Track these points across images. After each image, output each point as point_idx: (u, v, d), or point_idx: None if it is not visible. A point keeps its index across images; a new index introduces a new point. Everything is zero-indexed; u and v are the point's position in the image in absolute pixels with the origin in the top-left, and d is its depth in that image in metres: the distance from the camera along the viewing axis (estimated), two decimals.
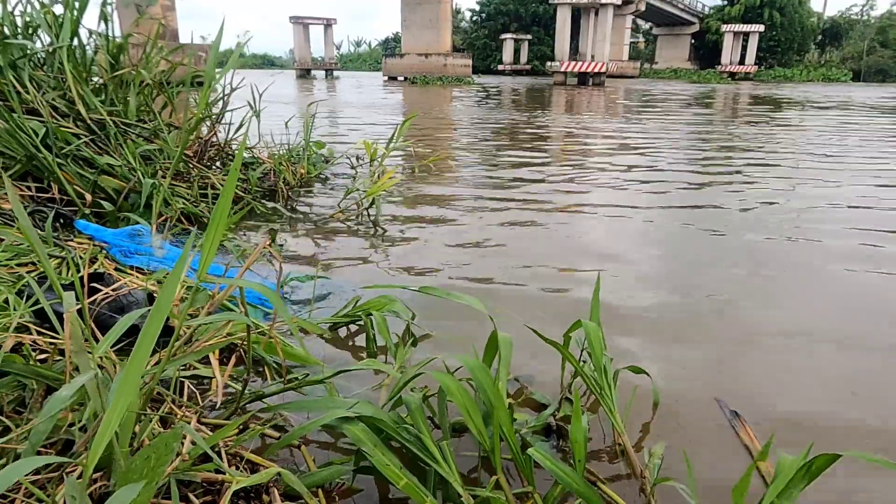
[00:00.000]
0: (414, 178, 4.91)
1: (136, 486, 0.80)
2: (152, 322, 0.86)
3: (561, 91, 24.66)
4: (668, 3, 47.44)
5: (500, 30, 53.21)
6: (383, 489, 1.27)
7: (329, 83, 30.65)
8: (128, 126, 3.28)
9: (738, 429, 1.49)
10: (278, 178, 3.98)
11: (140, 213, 2.75)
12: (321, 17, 46.49)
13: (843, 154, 6.78)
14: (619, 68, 42.76)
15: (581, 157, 6.44)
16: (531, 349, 1.78)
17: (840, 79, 44.24)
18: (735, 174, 5.40)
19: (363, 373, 1.75)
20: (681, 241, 3.31)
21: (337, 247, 3.05)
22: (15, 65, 2.95)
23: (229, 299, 1.89)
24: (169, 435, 0.89)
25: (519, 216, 3.75)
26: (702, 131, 9.17)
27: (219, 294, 1.44)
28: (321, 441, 1.43)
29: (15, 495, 0.98)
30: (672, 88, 26.60)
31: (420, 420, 1.22)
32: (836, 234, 3.40)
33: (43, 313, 1.62)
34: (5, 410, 1.22)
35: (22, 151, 2.67)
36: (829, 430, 1.54)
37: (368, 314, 1.96)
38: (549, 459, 1.14)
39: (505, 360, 1.42)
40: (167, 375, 1.39)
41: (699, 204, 4.18)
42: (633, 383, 1.62)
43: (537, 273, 2.70)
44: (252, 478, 1.09)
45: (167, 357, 1.16)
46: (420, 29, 37.46)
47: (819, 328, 2.17)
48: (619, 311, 2.26)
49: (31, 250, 2.05)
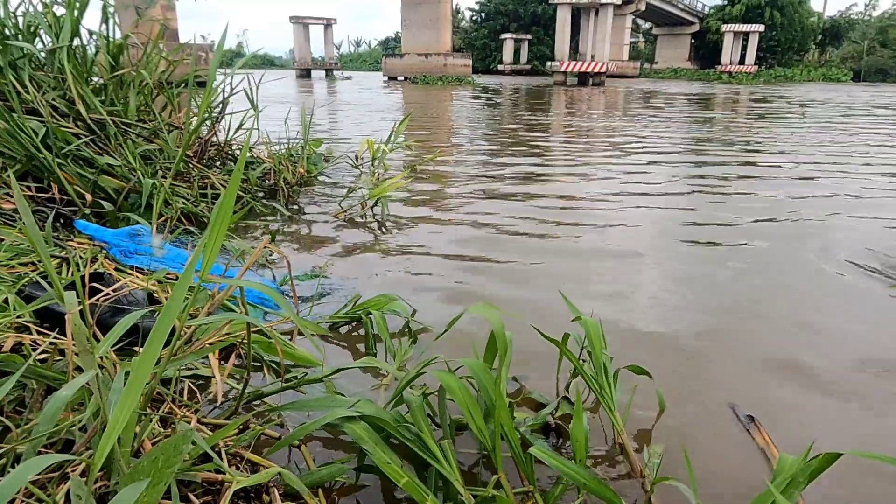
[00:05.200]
0: (414, 177, 4.91)
1: (141, 484, 0.80)
2: (161, 325, 0.86)
3: (561, 91, 24.65)
4: (668, 3, 47.44)
5: (499, 30, 53.20)
6: (384, 488, 1.27)
7: (329, 83, 30.65)
8: (128, 126, 3.28)
9: (753, 433, 1.47)
10: (278, 178, 3.98)
11: (140, 213, 2.75)
12: (321, 17, 46.48)
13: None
14: (619, 68, 42.75)
15: (582, 157, 6.44)
16: (531, 348, 1.79)
17: (840, 78, 44.21)
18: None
19: (362, 371, 1.75)
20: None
21: (338, 245, 3.05)
22: (15, 65, 2.95)
23: (229, 299, 1.89)
24: (178, 437, 0.89)
25: (520, 215, 3.75)
26: (712, 132, 9.16)
27: (219, 294, 1.44)
28: (321, 439, 1.43)
29: (15, 495, 0.98)
30: (672, 89, 26.60)
31: (421, 419, 1.22)
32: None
33: (42, 313, 1.62)
34: (5, 410, 1.22)
35: (22, 151, 2.67)
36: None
37: (368, 313, 1.96)
38: (554, 457, 1.14)
39: (506, 359, 1.42)
40: (167, 375, 1.39)
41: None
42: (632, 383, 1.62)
43: (542, 273, 2.70)
44: (252, 478, 1.09)
45: (168, 357, 1.16)
46: (420, 29, 37.47)
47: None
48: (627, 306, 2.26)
49: (32, 250, 2.05)
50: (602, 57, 32.67)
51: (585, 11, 34.48)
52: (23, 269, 1.95)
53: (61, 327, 1.53)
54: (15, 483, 0.75)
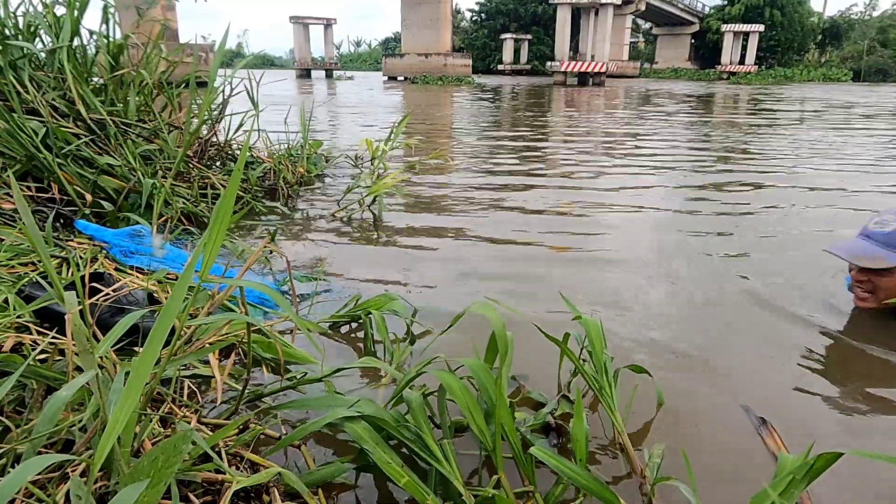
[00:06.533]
0: (414, 176, 4.91)
1: (140, 484, 0.80)
2: (161, 325, 0.86)
3: (561, 91, 24.66)
4: (668, 3, 47.47)
5: (499, 30, 53.25)
6: (384, 488, 1.27)
7: (329, 83, 30.65)
8: (128, 126, 3.28)
9: (765, 436, 1.46)
10: (278, 178, 3.98)
11: (140, 213, 2.75)
12: (321, 17, 46.53)
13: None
14: (619, 68, 42.80)
15: (583, 157, 6.44)
16: (530, 348, 1.78)
17: (840, 78, 44.23)
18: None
19: (362, 371, 1.75)
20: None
21: (338, 245, 3.05)
22: (15, 65, 2.95)
23: (229, 299, 1.89)
24: (178, 437, 0.89)
25: (521, 215, 3.75)
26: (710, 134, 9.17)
27: (219, 294, 1.44)
28: (321, 438, 1.43)
29: (15, 495, 0.98)
30: (673, 89, 26.59)
31: (421, 418, 1.22)
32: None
33: (42, 313, 1.62)
34: (5, 410, 1.22)
35: (22, 151, 2.67)
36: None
37: (368, 312, 1.96)
38: (554, 457, 1.14)
39: (507, 359, 1.42)
40: (167, 375, 1.39)
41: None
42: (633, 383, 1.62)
43: (543, 273, 2.70)
44: (252, 478, 1.09)
45: (168, 357, 1.16)
46: (420, 29, 37.51)
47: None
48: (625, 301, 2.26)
49: (32, 250, 2.05)
50: (602, 57, 32.70)
51: (585, 11, 34.51)
52: (23, 269, 1.95)
53: (61, 327, 1.53)
54: (15, 483, 0.75)
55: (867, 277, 1.96)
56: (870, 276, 1.95)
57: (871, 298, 1.99)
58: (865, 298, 2.01)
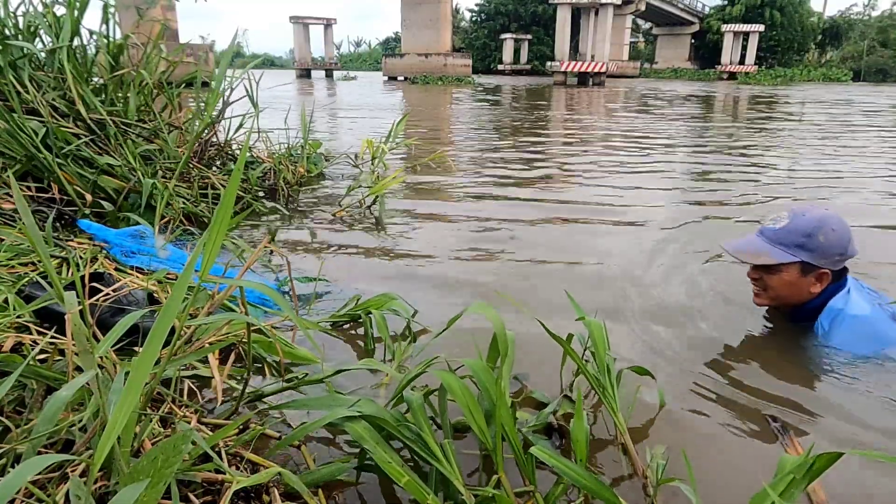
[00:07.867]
0: (415, 176, 4.91)
1: (140, 484, 0.80)
2: (161, 324, 0.86)
3: (561, 91, 24.66)
4: (668, 3, 47.49)
5: (499, 30, 53.27)
6: (384, 487, 1.27)
7: (329, 83, 30.66)
8: (128, 126, 3.28)
9: (787, 446, 1.45)
10: (278, 178, 3.98)
11: (140, 213, 2.75)
12: (321, 17, 46.52)
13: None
14: (619, 68, 42.81)
15: (582, 158, 6.44)
16: (533, 347, 1.78)
17: (840, 78, 44.22)
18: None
19: (362, 371, 1.75)
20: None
21: (338, 245, 3.05)
22: (15, 65, 2.94)
23: (229, 299, 1.89)
24: (178, 437, 0.89)
25: (521, 215, 3.75)
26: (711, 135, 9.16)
27: (219, 294, 1.43)
28: (319, 437, 1.43)
29: (14, 495, 0.98)
30: (675, 90, 26.60)
31: (422, 418, 1.21)
32: None
33: (42, 313, 1.62)
34: (5, 410, 1.22)
35: (22, 151, 2.67)
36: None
37: (368, 312, 1.96)
38: (554, 457, 1.14)
39: (508, 359, 1.42)
40: (167, 375, 1.39)
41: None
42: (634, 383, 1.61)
43: (543, 273, 2.70)
44: (252, 478, 1.08)
45: (168, 357, 1.16)
46: (420, 29, 37.51)
47: None
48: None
49: (32, 250, 2.05)
50: (602, 57, 32.69)
51: (585, 11, 34.50)
52: (23, 269, 1.95)
53: (61, 327, 1.53)
54: (15, 483, 0.75)
55: (759, 275, 1.98)
56: (761, 273, 1.97)
57: (764, 295, 2.01)
58: (759, 294, 2.03)
